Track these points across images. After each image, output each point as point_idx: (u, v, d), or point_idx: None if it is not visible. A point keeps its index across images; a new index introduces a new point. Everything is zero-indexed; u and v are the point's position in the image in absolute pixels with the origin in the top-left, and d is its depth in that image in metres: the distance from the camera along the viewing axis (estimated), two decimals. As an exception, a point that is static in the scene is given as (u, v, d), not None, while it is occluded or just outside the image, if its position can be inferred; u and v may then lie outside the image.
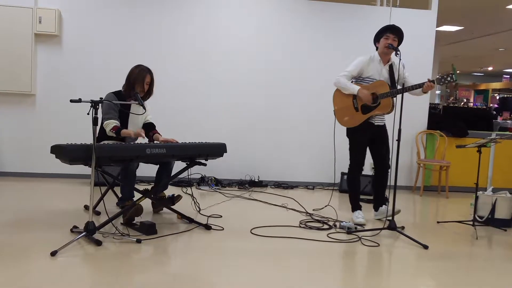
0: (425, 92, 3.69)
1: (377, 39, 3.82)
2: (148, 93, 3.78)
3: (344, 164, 5.47)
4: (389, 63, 3.83)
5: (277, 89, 5.58)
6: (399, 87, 3.70)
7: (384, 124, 3.92)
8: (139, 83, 3.63)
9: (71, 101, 2.88)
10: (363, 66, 3.77)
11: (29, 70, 5.04)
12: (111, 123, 3.50)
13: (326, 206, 4.48)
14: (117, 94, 3.65)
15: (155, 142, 3.68)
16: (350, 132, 3.89)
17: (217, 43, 5.44)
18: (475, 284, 2.63)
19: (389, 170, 3.91)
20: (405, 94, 3.62)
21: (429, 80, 3.57)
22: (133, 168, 3.45)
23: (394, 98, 3.72)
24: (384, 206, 3.98)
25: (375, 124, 3.84)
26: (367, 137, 3.86)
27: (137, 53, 5.28)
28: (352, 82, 3.84)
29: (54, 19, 5.02)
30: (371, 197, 5.06)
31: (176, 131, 5.34)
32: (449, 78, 3.47)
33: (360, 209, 3.95)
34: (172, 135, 3.79)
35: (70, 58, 5.19)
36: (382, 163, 3.90)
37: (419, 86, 3.58)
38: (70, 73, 5.21)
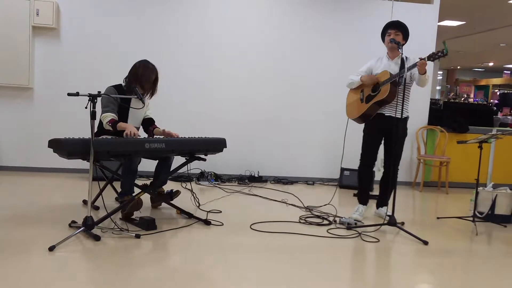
0: (422, 73, 3.53)
1: (383, 38, 3.87)
2: (153, 92, 3.67)
3: (347, 160, 5.46)
4: (399, 57, 3.77)
5: (278, 86, 5.54)
6: (407, 76, 3.64)
7: (403, 118, 3.73)
8: (146, 83, 3.52)
9: (69, 94, 2.85)
10: (372, 66, 3.86)
11: (26, 64, 5.00)
12: (109, 116, 3.42)
13: (327, 204, 4.46)
14: (117, 88, 3.54)
15: (155, 136, 3.63)
16: (365, 126, 3.89)
17: (219, 39, 5.39)
18: (475, 280, 2.62)
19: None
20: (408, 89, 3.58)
21: (420, 58, 3.51)
22: (135, 164, 3.40)
23: (398, 89, 3.65)
24: (385, 207, 3.95)
25: (386, 115, 3.74)
26: (379, 132, 3.79)
27: (136, 46, 5.24)
28: None
29: (51, 12, 4.97)
30: (373, 193, 5.06)
31: (176, 126, 5.31)
32: (440, 53, 3.43)
33: (364, 204, 3.92)
34: (172, 130, 3.74)
35: (68, 51, 5.15)
36: (391, 162, 3.70)
37: (413, 66, 3.52)
38: (68, 67, 5.16)
